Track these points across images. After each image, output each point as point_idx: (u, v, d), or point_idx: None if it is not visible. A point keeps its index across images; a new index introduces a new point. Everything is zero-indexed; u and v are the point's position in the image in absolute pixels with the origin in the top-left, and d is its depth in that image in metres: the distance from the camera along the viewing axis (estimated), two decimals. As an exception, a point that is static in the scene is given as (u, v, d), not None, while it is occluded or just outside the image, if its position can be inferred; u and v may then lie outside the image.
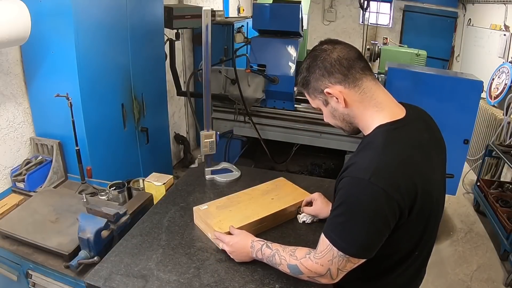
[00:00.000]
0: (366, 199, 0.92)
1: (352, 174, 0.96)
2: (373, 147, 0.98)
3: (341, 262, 0.98)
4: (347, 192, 0.95)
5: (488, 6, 5.11)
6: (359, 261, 0.98)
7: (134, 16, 2.30)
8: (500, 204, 3.12)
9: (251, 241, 1.22)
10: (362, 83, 1.03)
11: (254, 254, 1.20)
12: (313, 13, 7.05)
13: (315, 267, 1.02)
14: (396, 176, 0.93)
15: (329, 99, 1.06)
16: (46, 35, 1.89)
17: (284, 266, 1.11)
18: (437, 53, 6.27)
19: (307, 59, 1.08)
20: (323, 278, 1.03)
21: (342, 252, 0.96)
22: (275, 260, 1.13)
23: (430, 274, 2.69)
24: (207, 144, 1.78)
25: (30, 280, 1.52)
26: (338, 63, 1.01)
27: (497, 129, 3.73)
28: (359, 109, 1.04)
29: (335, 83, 1.02)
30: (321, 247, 1.01)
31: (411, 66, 3.13)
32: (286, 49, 2.82)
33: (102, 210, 1.41)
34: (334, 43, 1.05)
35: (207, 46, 1.63)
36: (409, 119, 1.04)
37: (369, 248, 0.97)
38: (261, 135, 2.85)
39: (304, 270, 1.06)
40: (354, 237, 0.95)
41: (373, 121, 1.03)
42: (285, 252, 1.12)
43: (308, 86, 1.08)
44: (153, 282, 1.16)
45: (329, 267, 1.00)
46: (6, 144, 1.99)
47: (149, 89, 2.60)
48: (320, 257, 1.01)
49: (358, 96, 1.03)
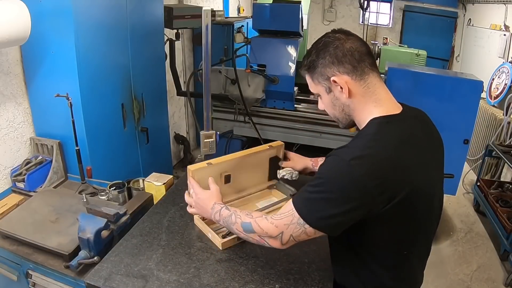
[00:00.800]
0: (340, 177, 0.93)
1: (336, 153, 0.98)
2: (362, 136, 1.01)
3: (297, 230, 0.99)
4: (325, 167, 0.98)
5: (488, 6, 5.11)
6: (314, 234, 0.99)
7: (134, 16, 2.30)
8: (500, 204, 3.12)
9: (213, 202, 1.27)
10: (368, 78, 1.03)
11: (212, 216, 1.25)
12: (313, 13, 7.05)
13: (268, 226, 1.05)
14: (376, 165, 0.93)
15: (333, 87, 1.05)
16: (46, 35, 1.89)
17: (238, 225, 1.14)
18: (437, 53, 6.27)
19: (318, 43, 1.06)
20: (272, 240, 1.05)
21: (302, 220, 0.97)
22: (231, 219, 1.16)
23: (430, 274, 2.69)
24: (207, 144, 1.79)
25: (30, 280, 1.52)
26: (350, 54, 1.01)
27: (497, 129, 3.73)
28: (360, 102, 1.05)
29: (343, 72, 1.02)
30: (283, 210, 1.04)
31: (411, 66, 3.13)
32: (286, 49, 2.82)
33: (102, 210, 1.41)
34: (347, 33, 1.05)
35: (207, 46, 1.63)
36: (404, 116, 1.05)
37: (329, 224, 0.97)
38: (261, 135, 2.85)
39: (256, 228, 1.08)
40: (318, 208, 0.96)
41: (370, 115, 1.04)
42: (242, 212, 1.16)
43: (315, 71, 1.06)
44: (153, 282, 1.16)
45: (282, 230, 1.02)
46: (6, 144, 1.99)
47: (149, 89, 2.60)
48: (278, 218, 1.03)
49: (362, 90, 1.03)
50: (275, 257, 1.29)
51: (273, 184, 1.67)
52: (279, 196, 1.63)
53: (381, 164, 0.93)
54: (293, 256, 1.30)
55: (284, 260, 1.28)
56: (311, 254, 1.31)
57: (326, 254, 1.29)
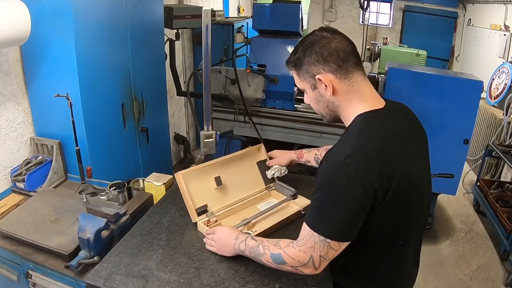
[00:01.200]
0: (339, 180, 0.94)
1: (328, 157, 1.00)
2: (350, 133, 1.04)
3: (323, 248, 0.98)
4: (322, 175, 0.98)
5: (488, 6, 5.11)
6: (340, 247, 0.99)
7: (134, 16, 2.30)
8: (500, 204, 3.11)
9: (236, 233, 1.24)
10: (352, 76, 1.05)
11: (237, 246, 1.20)
12: (313, 13, 7.05)
13: (297, 254, 1.03)
14: (370, 159, 0.95)
15: (318, 85, 1.08)
16: (46, 35, 1.88)
17: (267, 256, 1.11)
18: (437, 53, 6.27)
19: (304, 41, 1.08)
20: (306, 268, 1.03)
21: (322, 236, 0.97)
22: (259, 250, 1.13)
23: (430, 275, 2.69)
24: (207, 144, 1.79)
25: (30, 280, 1.52)
26: (335, 54, 1.03)
27: (497, 129, 3.73)
28: (344, 100, 1.07)
29: (328, 71, 1.04)
30: (302, 234, 1.03)
31: (411, 66, 3.13)
32: (286, 49, 2.82)
33: (102, 210, 1.41)
34: (333, 32, 1.07)
35: (207, 46, 1.63)
36: (387, 110, 1.08)
37: (346, 230, 0.98)
38: (261, 135, 2.86)
39: (287, 258, 1.06)
40: (331, 219, 0.96)
41: (354, 111, 1.07)
42: (269, 243, 1.13)
43: (301, 68, 1.09)
44: (153, 282, 1.16)
45: (311, 254, 1.00)
46: (6, 144, 1.99)
47: (149, 89, 2.59)
48: (302, 244, 1.02)
49: (346, 88, 1.06)
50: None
51: (272, 185, 1.67)
52: (279, 197, 1.63)
53: (373, 156, 0.96)
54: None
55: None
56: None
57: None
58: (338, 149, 1.00)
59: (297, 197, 1.60)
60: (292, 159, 1.65)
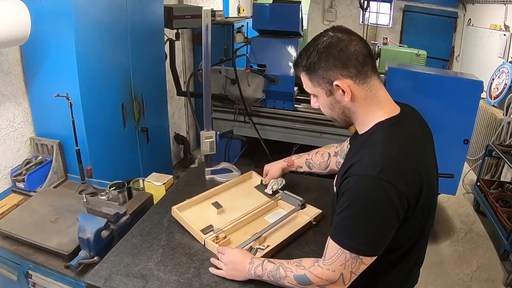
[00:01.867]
0: (376, 195, 0.90)
1: (358, 172, 0.94)
2: (375, 143, 0.98)
3: (355, 264, 0.96)
4: (355, 191, 0.93)
5: (488, 6, 5.11)
6: (371, 260, 0.97)
7: (134, 16, 2.30)
8: (500, 204, 3.11)
9: (251, 257, 1.17)
10: (370, 81, 1.01)
11: (252, 271, 1.14)
12: (313, 13, 7.05)
13: (326, 274, 0.99)
14: (402, 170, 0.93)
15: (335, 91, 1.01)
16: (46, 35, 1.88)
17: (290, 278, 1.05)
18: (437, 53, 6.26)
19: (318, 44, 1.00)
20: (334, 285, 1.00)
21: (356, 254, 0.94)
22: (280, 273, 1.07)
23: (430, 275, 2.69)
24: (207, 144, 1.78)
25: (30, 280, 1.52)
26: (355, 58, 0.97)
27: (497, 129, 3.73)
28: (361, 105, 1.02)
29: (347, 76, 0.98)
30: (330, 253, 0.99)
31: (411, 66, 3.13)
32: (286, 49, 2.82)
33: (102, 210, 1.41)
34: (349, 33, 1.00)
35: (207, 46, 1.63)
36: (403, 116, 1.05)
37: (381, 245, 0.96)
38: (261, 135, 2.85)
39: (314, 279, 1.01)
40: (366, 235, 0.94)
41: (373, 118, 1.03)
42: (290, 264, 1.07)
43: (315, 73, 1.01)
44: (153, 282, 1.16)
45: (341, 271, 0.97)
46: (6, 144, 1.99)
47: (149, 89, 2.59)
48: (330, 263, 0.98)
49: (364, 93, 1.01)
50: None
51: (277, 195, 1.61)
52: (287, 208, 1.56)
53: (405, 168, 0.94)
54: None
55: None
56: (311, 254, 1.31)
57: (326, 254, 1.29)
58: (366, 161, 0.94)
59: (306, 207, 1.53)
60: (283, 168, 1.61)
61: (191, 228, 1.39)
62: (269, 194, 1.61)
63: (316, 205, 1.53)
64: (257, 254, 1.26)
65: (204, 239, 1.33)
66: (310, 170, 1.56)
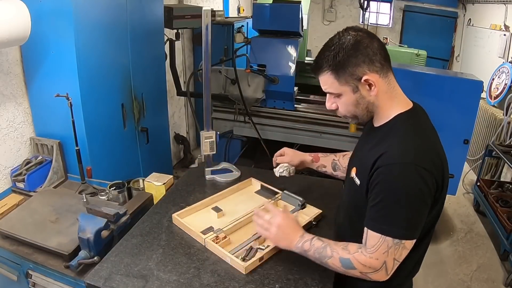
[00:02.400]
0: (413, 181, 0.96)
1: (391, 161, 0.98)
2: (401, 133, 1.04)
3: (397, 250, 1.00)
4: (392, 180, 0.98)
5: (488, 6, 5.11)
6: (412, 244, 1.01)
7: (134, 16, 2.30)
8: (500, 204, 3.11)
9: (303, 231, 1.17)
10: (389, 75, 1.07)
11: (300, 244, 1.14)
12: (313, 13, 7.05)
13: (369, 261, 1.02)
14: (431, 156, 1.00)
15: (361, 86, 1.05)
16: (46, 35, 1.88)
17: (335, 259, 1.07)
18: (437, 53, 6.27)
19: (344, 43, 1.02)
20: (376, 273, 1.03)
21: (398, 239, 0.98)
22: (326, 252, 1.09)
23: (430, 274, 2.69)
24: (207, 144, 1.78)
25: (30, 280, 1.52)
26: (379, 53, 1.03)
27: (497, 129, 3.73)
28: (383, 99, 1.08)
29: (373, 71, 1.03)
30: (371, 242, 1.02)
31: (411, 66, 3.13)
32: (286, 49, 2.82)
33: (102, 210, 1.41)
34: (367, 32, 1.06)
35: (207, 46, 1.63)
36: (417, 109, 1.12)
37: (419, 227, 1.01)
38: (261, 135, 2.85)
39: (357, 265, 1.04)
40: (407, 220, 0.98)
41: (392, 110, 1.09)
42: (337, 246, 1.09)
43: (344, 70, 1.03)
44: (153, 282, 1.16)
45: (384, 259, 1.00)
46: (6, 144, 1.99)
47: (149, 89, 2.59)
48: (373, 251, 1.01)
49: (386, 87, 1.07)
50: (275, 257, 1.29)
51: (278, 196, 1.62)
52: (287, 207, 1.52)
53: (433, 154, 1.02)
54: (293, 256, 1.29)
55: (284, 260, 1.28)
56: (311, 254, 1.31)
57: (326, 254, 1.29)
58: (397, 151, 0.99)
59: (306, 207, 1.53)
60: (304, 160, 1.55)
61: (191, 232, 1.39)
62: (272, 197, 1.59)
63: (316, 205, 1.53)
64: (257, 254, 1.26)
65: (205, 239, 1.33)
66: (334, 172, 1.54)
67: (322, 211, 1.50)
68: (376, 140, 1.08)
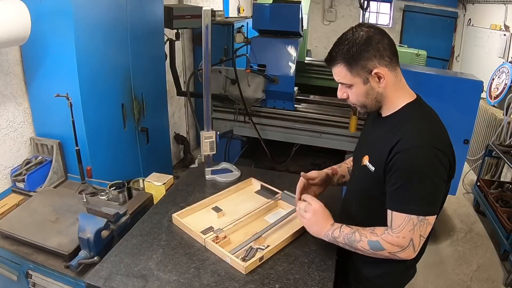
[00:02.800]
0: (433, 161, 1.05)
1: (408, 145, 1.07)
2: (413, 120, 1.13)
3: (422, 227, 1.08)
4: (411, 162, 1.06)
5: (488, 6, 5.11)
6: (434, 220, 1.10)
7: (134, 16, 2.30)
8: (500, 204, 3.11)
9: (333, 221, 1.25)
10: (397, 69, 1.16)
11: (330, 232, 1.22)
12: (313, 13, 7.04)
13: (396, 240, 1.10)
14: (443, 138, 1.11)
15: (371, 78, 1.13)
16: (46, 35, 1.89)
17: (364, 243, 1.14)
18: (437, 53, 6.27)
19: (357, 38, 1.10)
20: (404, 252, 1.10)
21: (423, 216, 1.07)
22: (355, 237, 1.16)
23: (430, 274, 2.69)
24: (207, 144, 1.78)
25: (30, 280, 1.52)
26: (389, 48, 1.11)
27: (497, 129, 3.73)
28: (391, 90, 1.16)
29: (383, 65, 1.11)
30: (397, 223, 1.09)
31: (411, 66, 3.13)
32: (286, 49, 2.82)
33: (102, 210, 1.41)
34: (378, 29, 1.13)
35: (207, 46, 1.63)
36: (421, 99, 1.22)
37: (439, 203, 1.12)
38: (261, 135, 2.85)
39: (386, 245, 1.11)
40: (429, 198, 1.08)
41: (400, 100, 1.17)
42: (365, 231, 1.16)
43: (356, 63, 1.11)
44: (153, 282, 1.16)
45: (411, 237, 1.08)
46: (6, 144, 1.99)
47: (149, 89, 2.59)
48: (399, 230, 1.09)
49: (394, 79, 1.15)
50: (275, 257, 1.29)
51: (278, 196, 1.61)
52: (287, 208, 1.56)
53: (446, 137, 1.12)
54: (293, 256, 1.30)
55: (284, 260, 1.28)
56: (311, 254, 1.31)
57: (326, 254, 1.30)
58: (413, 135, 1.08)
59: None
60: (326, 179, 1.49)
61: (191, 232, 1.39)
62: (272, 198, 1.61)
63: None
64: (257, 254, 1.26)
65: (205, 239, 1.33)
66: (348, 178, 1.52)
67: (322, 211, 1.49)
68: (388, 128, 1.16)
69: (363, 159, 1.23)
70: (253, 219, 1.50)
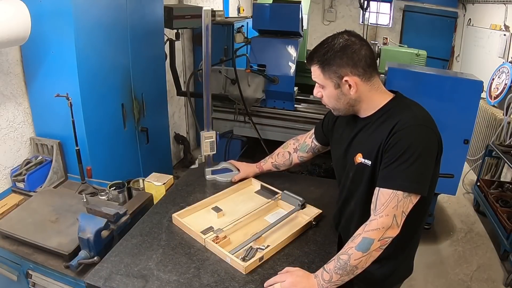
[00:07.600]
0: (424, 138, 1.11)
1: (405, 125, 1.12)
2: (405, 106, 1.19)
3: (405, 204, 1.11)
4: (406, 138, 1.11)
5: (488, 6, 5.11)
6: (417, 199, 1.12)
7: (134, 16, 2.30)
8: (500, 204, 3.11)
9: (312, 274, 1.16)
10: (373, 79, 1.20)
11: (320, 279, 1.13)
12: (313, 13, 7.04)
13: (381, 221, 1.11)
14: (433, 122, 1.17)
15: (342, 85, 1.18)
16: (46, 35, 1.88)
17: (354, 255, 1.10)
18: (437, 53, 6.26)
19: (334, 44, 1.16)
20: (390, 231, 1.11)
21: (408, 192, 1.10)
22: (343, 259, 1.11)
23: (430, 274, 2.69)
24: (207, 144, 1.78)
25: (30, 280, 1.52)
26: (364, 60, 1.15)
27: (497, 129, 3.73)
28: (366, 96, 1.20)
29: (355, 74, 1.16)
30: (381, 201, 1.12)
31: (411, 66, 3.13)
32: (286, 49, 2.82)
33: (102, 210, 1.41)
34: (361, 39, 1.18)
35: (207, 46, 1.63)
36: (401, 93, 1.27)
37: (427, 183, 1.13)
38: (261, 135, 2.85)
39: (372, 234, 1.10)
40: (420, 175, 1.11)
41: (380, 100, 1.22)
42: (346, 247, 1.14)
43: (329, 67, 1.17)
44: (153, 282, 1.16)
45: (394, 213, 1.10)
46: (6, 144, 1.99)
47: (149, 89, 2.59)
48: (383, 209, 1.11)
49: (367, 88, 1.19)
50: (275, 257, 1.29)
51: (278, 195, 1.61)
52: (287, 208, 1.55)
53: (433, 120, 1.17)
54: (293, 256, 1.30)
55: (284, 260, 1.28)
56: (311, 254, 1.31)
57: (326, 254, 1.30)
58: (406, 117, 1.13)
59: (306, 207, 1.52)
60: (255, 173, 1.78)
61: (191, 232, 1.39)
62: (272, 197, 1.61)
63: (316, 205, 1.53)
64: (257, 254, 1.26)
65: (205, 239, 1.33)
66: (278, 169, 1.74)
67: (322, 211, 1.50)
68: (377, 124, 1.20)
69: (355, 158, 1.24)
70: (253, 219, 1.50)
